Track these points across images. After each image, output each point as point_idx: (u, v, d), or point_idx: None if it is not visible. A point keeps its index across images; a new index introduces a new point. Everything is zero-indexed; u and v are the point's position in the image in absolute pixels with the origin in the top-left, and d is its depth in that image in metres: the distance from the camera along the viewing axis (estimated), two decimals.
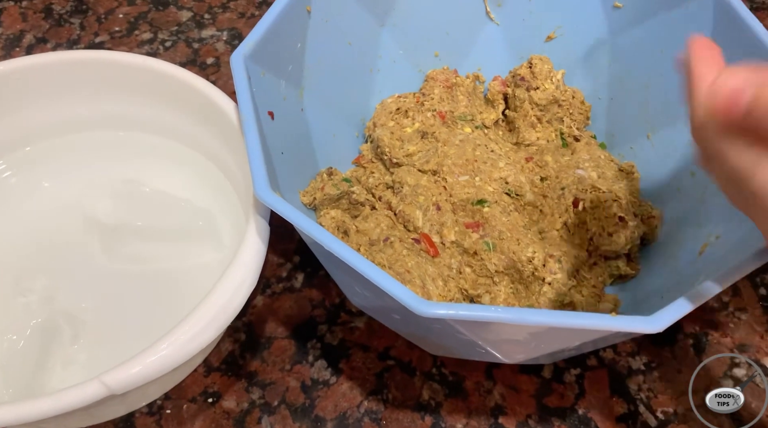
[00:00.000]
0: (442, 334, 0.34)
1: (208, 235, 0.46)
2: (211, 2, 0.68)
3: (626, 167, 0.49)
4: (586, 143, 0.52)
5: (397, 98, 0.53)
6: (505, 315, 0.27)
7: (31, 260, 0.44)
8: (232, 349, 0.45)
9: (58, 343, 0.40)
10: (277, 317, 0.47)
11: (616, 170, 0.49)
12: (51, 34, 0.65)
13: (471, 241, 0.45)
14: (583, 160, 0.49)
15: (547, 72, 0.51)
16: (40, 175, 0.47)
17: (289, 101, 0.44)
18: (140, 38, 0.65)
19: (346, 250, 0.30)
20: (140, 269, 0.45)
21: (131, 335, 0.42)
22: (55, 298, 0.43)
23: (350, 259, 0.29)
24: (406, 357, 0.45)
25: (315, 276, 0.49)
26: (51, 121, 0.47)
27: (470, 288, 0.44)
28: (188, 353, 0.33)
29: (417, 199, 0.46)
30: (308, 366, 0.44)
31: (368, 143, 0.52)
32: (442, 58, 0.55)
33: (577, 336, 0.31)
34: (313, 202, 0.45)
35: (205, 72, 0.62)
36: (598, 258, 0.46)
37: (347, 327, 0.46)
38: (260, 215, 0.38)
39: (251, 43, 0.39)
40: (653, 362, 0.45)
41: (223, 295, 0.34)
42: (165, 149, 0.48)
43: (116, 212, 0.45)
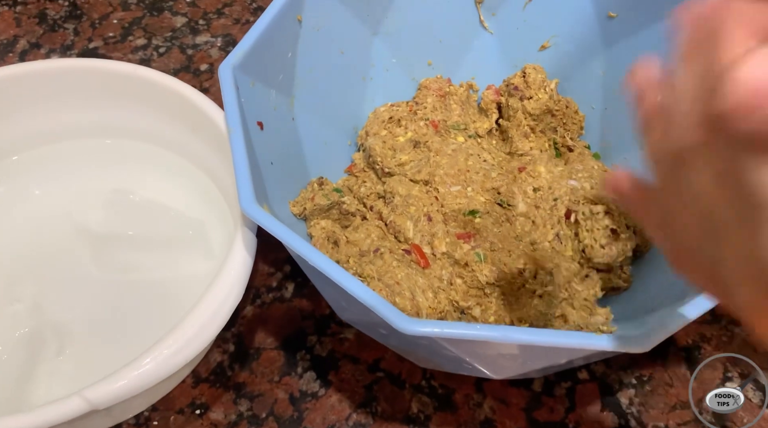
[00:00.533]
0: (429, 350, 0.34)
1: (198, 244, 0.45)
2: (206, 8, 0.68)
3: None
4: (580, 153, 0.51)
5: (390, 107, 0.52)
6: (491, 333, 0.27)
7: (19, 269, 0.44)
8: (221, 360, 0.45)
9: (43, 355, 0.40)
10: (266, 327, 0.46)
11: None
12: (45, 40, 0.64)
13: (462, 252, 0.45)
14: (576, 171, 0.49)
15: (541, 81, 0.51)
16: (29, 183, 0.47)
17: (279, 111, 0.44)
18: (134, 44, 0.64)
19: (331, 266, 0.30)
20: (129, 278, 0.45)
21: (119, 345, 0.42)
22: (43, 307, 0.42)
23: (335, 276, 0.29)
24: (396, 369, 0.45)
25: (305, 286, 0.48)
26: (40, 129, 0.47)
27: (461, 300, 0.44)
28: (173, 367, 0.33)
29: (408, 209, 0.46)
30: (297, 377, 0.44)
31: (360, 152, 0.52)
32: (435, 66, 0.55)
33: (566, 354, 0.30)
34: (303, 212, 0.45)
35: (198, 78, 0.61)
36: (589, 270, 0.45)
37: (337, 338, 0.46)
38: (247, 227, 0.38)
39: (240, 53, 0.39)
40: (645, 376, 0.44)
41: (208, 309, 0.34)
42: (155, 158, 0.48)
43: (106, 221, 0.45)
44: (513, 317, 0.43)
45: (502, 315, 0.43)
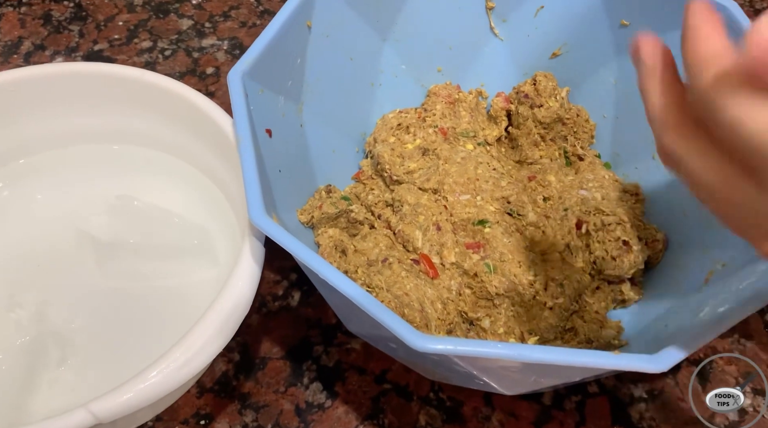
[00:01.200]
0: (439, 365, 0.34)
1: (203, 252, 0.45)
2: (213, 11, 0.68)
3: (631, 188, 0.48)
4: (591, 162, 0.51)
5: (398, 113, 0.52)
6: (507, 351, 0.26)
7: (22, 274, 0.44)
8: (226, 369, 0.44)
9: (44, 364, 0.39)
10: (272, 337, 0.46)
11: (621, 191, 0.48)
12: (50, 41, 0.64)
13: (471, 263, 0.44)
14: (587, 180, 0.48)
15: (552, 89, 0.50)
16: (34, 187, 0.47)
17: (287, 117, 0.43)
18: (139, 46, 0.64)
19: (342, 281, 0.29)
20: (133, 285, 0.44)
21: (121, 356, 0.41)
22: (45, 315, 0.42)
23: (347, 290, 0.29)
24: (403, 380, 0.44)
25: (311, 294, 0.48)
26: (46, 134, 0.46)
27: (470, 311, 0.43)
28: (180, 380, 0.32)
29: (417, 218, 0.46)
30: (303, 388, 0.43)
31: (368, 159, 0.52)
32: (444, 73, 0.54)
33: (579, 372, 0.30)
34: (311, 221, 0.44)
35: (204, 82, 0.61)
36: (600, 282, 0.45)
37: (343, 348, 0.45)
38: (255, 236, 0.37)
39: (249, 59, 0.38)
40: (656, 390, 0.44)
41: (216, 320, 0.33)
42: (161, 164, 0.47)
43: (111, 227, 0.44)
44: (523, 329, 0.43)
45: (512, 327, 0.43)
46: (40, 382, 0.40)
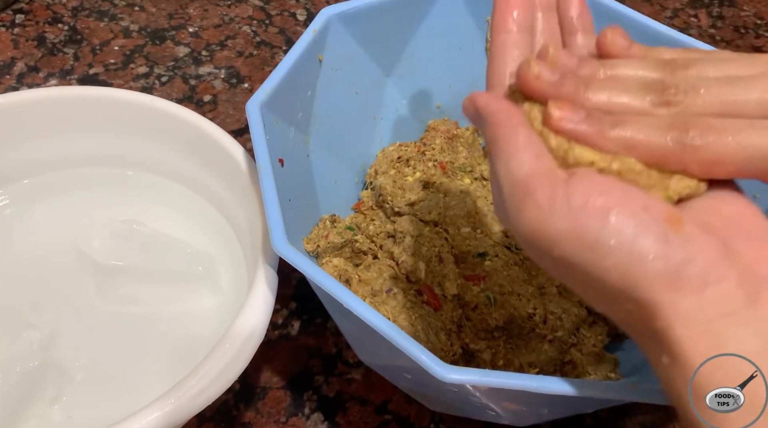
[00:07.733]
0: (454, 396, 0.34)
1: (206, 280, 0.45)
2: (209, 39, 0.68)
3: None
4: None
5: (398, 146, 0.53)
6: (534, 383, 0.27)
7: (30, 294, 0.43)
8: (226, 399, 0.43)
9: (38, 398, 0.38)
10: (272, 366, 0.45)
11: None
12: (43, 63, 0.63)
13: (472, 294, 0.45)
14: None
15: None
16: (37, 208, 0.46)
17: (296, 148, 0.44)
18: (136, 72, 0.64)
19: (368, 311, 0.29)
20: (134, 311, 0.43)
21: (117, 393, 0.40)
22: (55, 342, 0.41)
23: (374, 321, 0.29)
24: (404, 411, 0.44)
25: (311, 323, 0.48)
26: (53, 155, 0.46)
27: (471, 343, 0.44)
28: (194, 410, 0.32)
29: (420, 249, 0.46)
30: (304, 418, 0.43)
31: (368, 190, 0.52)
32: (443, 109, 0.56)
33: (597, 404, 0.31)
34: (317, 249, 0.45)
35: (201, 109, 0.61)
36: (596, 316, 0.46)
37: (344, 378, 0.45)
38: (269, 264, 0.37)
39: (267, 90, 0.39)
40: (647, 422, 0.45)
41: (231, 349, 0.33)
42: (167, 190, 0.47)
43: (113, 251, 0.43)
44: (523, 361, 0.44)
45: (512, 360, 0.44)
46: (27, 416, 0.38)
